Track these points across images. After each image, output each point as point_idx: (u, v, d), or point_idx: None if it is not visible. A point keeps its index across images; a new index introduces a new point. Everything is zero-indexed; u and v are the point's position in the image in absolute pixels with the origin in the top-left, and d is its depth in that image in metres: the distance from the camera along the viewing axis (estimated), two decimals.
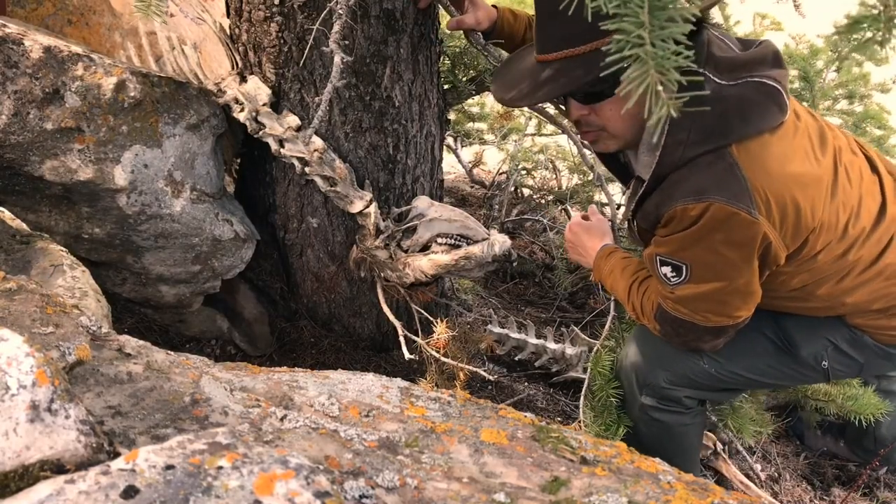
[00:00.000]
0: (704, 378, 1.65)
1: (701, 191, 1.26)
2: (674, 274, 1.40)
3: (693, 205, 1.27)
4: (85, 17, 2.48)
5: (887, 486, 2.15)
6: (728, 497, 0.80)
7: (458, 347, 1.87)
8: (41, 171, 1.57)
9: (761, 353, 1.60)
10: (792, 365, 1.60)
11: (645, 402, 1.72)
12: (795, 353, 1.58)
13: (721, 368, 1.63)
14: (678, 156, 1.28)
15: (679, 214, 1.29)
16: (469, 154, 3.88)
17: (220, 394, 0.87)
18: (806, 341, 1.56)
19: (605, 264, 1.73)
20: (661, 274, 1.42)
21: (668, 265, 1.39)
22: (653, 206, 1.36)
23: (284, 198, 2.00)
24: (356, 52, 1.70)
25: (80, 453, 0.60)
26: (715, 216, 1.26)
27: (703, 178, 1.27)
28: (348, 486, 0.68)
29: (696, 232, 1.30)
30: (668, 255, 1.38)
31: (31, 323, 0.88)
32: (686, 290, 1.40)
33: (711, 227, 1.28)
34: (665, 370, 1.67)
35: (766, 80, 1.29)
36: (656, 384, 1.69)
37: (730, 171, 1.25)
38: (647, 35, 0.61)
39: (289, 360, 2.08)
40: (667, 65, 0.61)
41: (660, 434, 1.75)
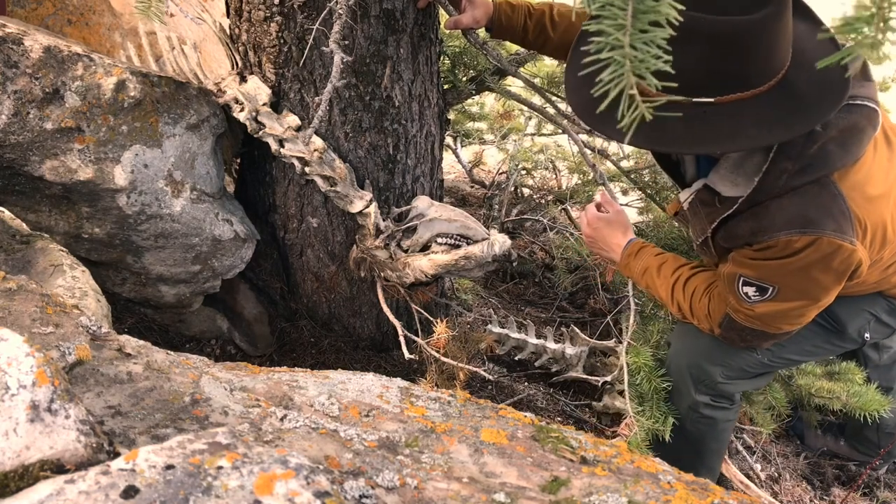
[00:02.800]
0: (757, 368, 1.68)
1: (808, 223, 1.25)
2: (756, 294, 1.38)
3: (798, 237, 1.25)
4: (85, 17, 2.48)
5: (887, 486, 2.15)
6: (728, 497, 0.80)
7: (458, 347, 1.87)
8: (41, 171, 1.57)
9: (811, 335, 1.63)
10: (837, 341, 1.64)
11: (699, 399, 1.73)
12: (842, 330, 1.62)
13: (774, 356, 1.66)
14: (780, 184, 1.26)
15: (782, 245, 1.28)
16: (469, 154, 3.88)
17: (220, 394, 0.87)
18: (851, 319, 1.60)
19: (636, 262, 1.71)
20: (742, 293, 1.40)
21: (753, 286, 1.38)
22: (745, 231, 1.33)
23: (284, 198, 2.00)
24: (356, 52, 1.70)
25: (80, 453, 0.60)
26: (821, 249, 1.26)
27: (809, 210, 1.25)
28: (348, 486, 0.68)
29: (797, 262, 1.29)
30: (756, 279, 1.36)
31: (31, 323, 0.88)
32: (766, 308, 1.40)
33: (814, 259, 1.28)
34: (720, 365, 1.68)
35: (866, 104, 1.27)
36: (713, 380, 1.69)
37: (835, 201, 1.25)
38: (627, 38, 0.61)
39: (289, 360, 2.08)
40: (644, 69, 0.61)
41: (706, 430, 1.77)
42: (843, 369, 1.96)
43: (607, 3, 0.60)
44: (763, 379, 1.78)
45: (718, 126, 1.15)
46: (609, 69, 0.63)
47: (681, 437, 1.78)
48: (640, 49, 0.61)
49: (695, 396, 1.73)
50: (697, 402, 1.73)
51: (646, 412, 1.76)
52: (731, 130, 1.15)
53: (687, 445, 1.79)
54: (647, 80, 0.63)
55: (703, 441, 1.79)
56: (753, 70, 1.14)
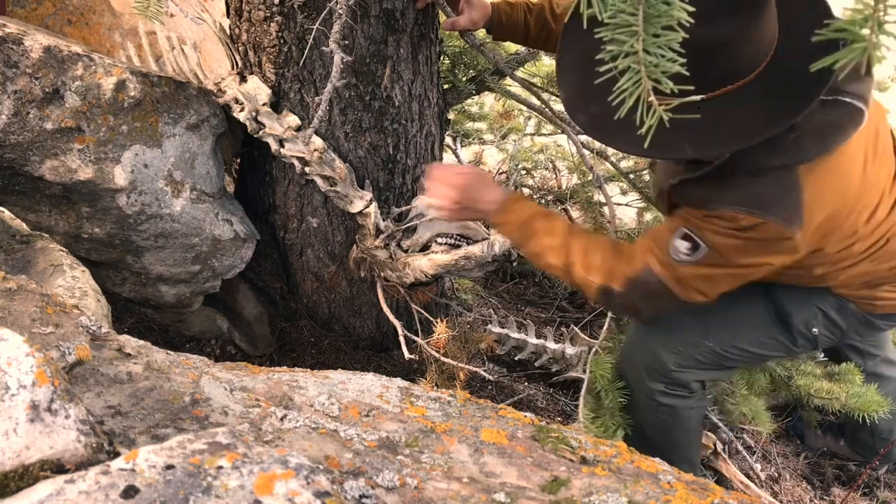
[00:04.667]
0: (710, 356, 1.67)
1: (760, 205, 1.26)
2: (688, 251, 1.37)
3: (746, 216, 1.26)
4: (85, 17, 2.48)
5: (887, 486, 2.15)
6: (728, 497, 0.80)
7: (458, 347, 1.87)
8: (41, 171, 1.57)
9: (761, 325, 1.64)
10: (786, 334, 1.64)
11: (654, 387, 1.73)
12: (788, 321, 1.62)
13: (726, 345, 1.65)
14: (750, 163, 1.27)
15: (728, 217, 1.29)
16: (469, 154, 3.88)
17: (220, 394, 0.87)
18: (797, 310, 1.61)
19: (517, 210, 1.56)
20: (674, 246, 1.39)
21: (689, 242, 1.37)
22: (700, 196, 1.34)
23: (284, 198, 2.00)
24: (356, 52, 1.70)
25: (80, 453, 0.60)
26: (764, 232, 1.27)
27: (765, 194, 1.26)
28: (348, 485, 0.68)
29: (740, 237, 1.30)
30: (696, 234, 1.35)
31: (31, 323, 0.88)
32: (691, 270, 1.39)
33: (755, 238, 1.29)
34: (673, 353, 1.68)
35: (854, 102, 1.27)
36: (665, 368, 1.70)
37: (791, 191, 1.26)
38: (640, 44, 0.61)
39: (289, 360, 2.08)
40: (660, 73, 0.61)
41: (666, 419, 1.77)
42: (842, 370, 1.96)
43: (618, 11, 0.60)
44: (721, 371, 1.76)
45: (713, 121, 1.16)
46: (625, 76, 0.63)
47: (646, 429, 1.79)
48: (653, 54, 0.61)
49: (648, 384, 1.73)
50: (652, 391, 1.73)
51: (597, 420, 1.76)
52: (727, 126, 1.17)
53: (655, 437, 1.79)
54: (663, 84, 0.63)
55: (669, 431, 1.78)
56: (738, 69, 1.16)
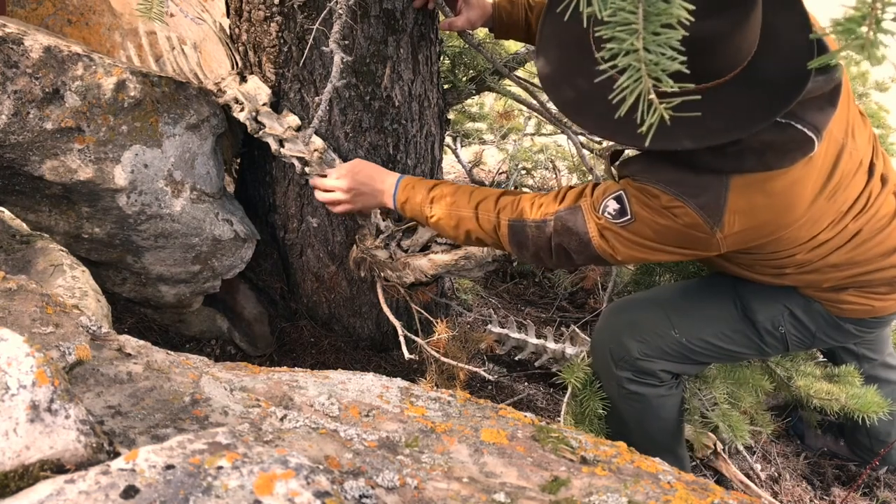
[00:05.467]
0: (676, 348, 1.68)
1: (682, 189, 1.28)
2: (614, 213, 1.39)
3: (670, 196, 1.29)
4: (85, 17, 2.48)
5: (887, 486, 2.15)
6: (728, 497, 0.80)
7: (458, 347, 1.88)
8: (41, 171, 1.57)
9: (727, 318, 1.65)
10: (752, 330, 1.65)
11: (621, 374, 1.73)
12: (753, 318, 1.63)
13: (691, 337, 1.66)
14: (686, 158, 1.28)
15: (653, 194, 1.32)
16: (469, 154, 3.88)
17: (220, 394, 0.87)
18: (763, 307, 1.62)
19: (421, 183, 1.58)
20: (603, 205, 1.40)
21: (620, 205, 1.38)
22: (635, 167, 1.37)
23: (284, 198, 2.00)
24: (356, 52, 1.70)
25: (80, 453, 0.60)
26: (683, 216, 1.30)
27: (692, 183, 1.28)
28: (348, 485, 0.68)
29: (663, 217, 1.33)
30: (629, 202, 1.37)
31: (31, 323, 0.88)
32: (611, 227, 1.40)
33: (677, 223, 1.32)
34: (638, 341, 1.69)
35: (806, 131, 1.27)
36: (630, 356, 1.70)
37: (717, 190, 1.28)
38: (641, 43, 0.61)
39: (289, 360, 2.08)
40: (660, 72, 0.61)
41: (639, 408, 1.77)
42: (842, 371, 1.96)
43: (618, 9, 0.60)
44: (691, 365, 1.76)
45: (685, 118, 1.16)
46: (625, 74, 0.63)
47: (620, 420, 1.79)
48: (653, 52, 0.61)
49: (616, 372, 1.74)
50: (620, 378, 1.74)
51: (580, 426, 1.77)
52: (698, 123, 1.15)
53: (629, 425, 1.80)
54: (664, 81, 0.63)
55: (642, 420, 1.78)
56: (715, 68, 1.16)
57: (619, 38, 0.61)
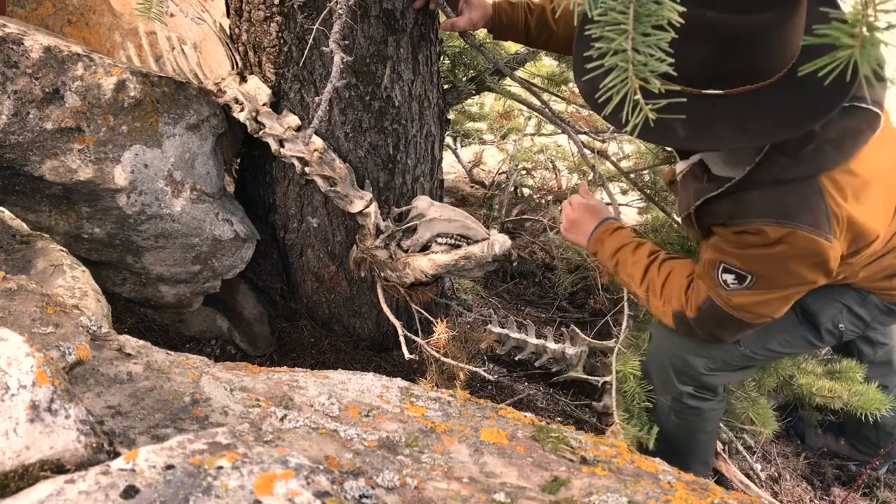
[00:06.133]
0: (740, 360, 1.69)
1: (785, 215, 1.26)
2: (735, 282, 1.39)
3: (774, 227, 1.26)
4: (85, 17, 2.48)
5: (887, 486, 2.15)
6: (728, 497, 0.80)
7: (458, 347, 1.87)
8: (41, 171, 1.57)
9: (789, 326, 1.64)
10: (813, 332, 1.65)
11: (683, 389, 1.74)
12: (815, 321, 1.63)
13: (757, 348, 1.66)
14: (770, 176, 1.27)
15: (755, 231, 1.29)
16: (469, 154, 3.88)
17: (220, 394, 0.87)
18: (823, 309, 1.62)
19: (611, 240, 1.67)
20: (721, 280, 1.40)
21: (733, 274, 1.38)
22: (725, 212, 1.34)
23: (284, 198, 2.00)
24: (356, 52, 1.70)
25: (80, 453, 0.60)
26: (796, 242, 1.27)
27: (788, 202, 1.26)
28: (348, 485, 0.68)
29: (775, 253, 1.30)
30: (737, 267, 1.37)
31: (31, 323, 0.88)
32: (745, 298, 1.40)
33: (791, 251, 1.29)
34: (703, 357, 1.69)
35: (870, 108, 1.27)
36: (696, 371, 1.70)
37: (815, 197, 1.26)
38: (629, 43, 0.61)
39: (289, 360, 2.08)
40: (648, 73, 0.61)
41: (693, 420, 1.78)
42: (844, 368, 1.96)
43: (608, 9, 0.60)
44: (746, 372, 1.79)
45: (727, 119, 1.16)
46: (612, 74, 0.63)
47: (670, 430, 1.79)
48: (642, 52, 0.61)
49: (679, 387, 1.74)
50: (682, 393, 1.74)
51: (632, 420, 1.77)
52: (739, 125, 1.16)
53: (678, 438, 1.80)
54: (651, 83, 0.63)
55: (692, 432, 1.79)
56: (763, 66, 1.14)
57: (608, 37, 0.61)
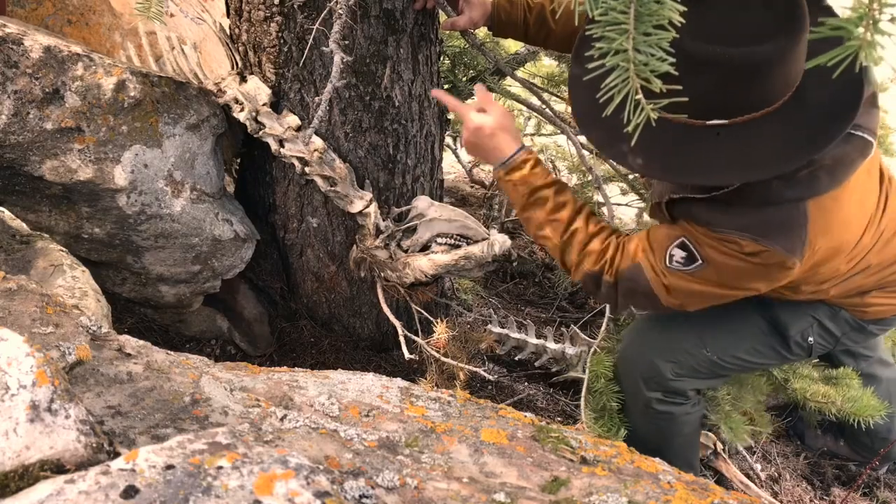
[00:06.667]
0: (707, 366, 1.68)
1: (765, 234, 1.25)
2: (682, 261, 1.34)
3: (750, 242, 1.26)
4: (85, 17, 2.48)
5: (887, 486, 2.15)
6: (728, 497, 0.80)
7: (458, 347, 1.87)
8: (41, 171, 1.57)
9: (757, 333, 1.65)
10: (782, 343, 1.65)
11: (651, 395, 1.73)
12: (785, 333, 1.63)
13: (724, 354, 1.66)
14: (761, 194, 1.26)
15: (732, 241, 1.28)
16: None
17: (220, 394, 0.87)
18: (793, 321, 1.62)
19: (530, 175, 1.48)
20: (668, 253, 1.36)
21: (686, 252, 1.34)
22: (704, 216, 1.32)
23: (284, 198, 2.00)
24: (356, 52, 1.70)
25: (80, 453, 0.60)
26: (768, 259, 1.28)
27: (772, 223, 1.26)
28: (348, 486, 0.68)
29: (742, 261, 1.29)
30: (696, 248, 1.32)
31: (31, 323, 0.88)
32: (681, 281, 1.37)
33: (758, 265, 1.29)
34: (670, 362, 1.69)
35: (865, 136, 1.27)
36: (663, 377, 1.70)
37: (800, 221, 1.26)
38: (630, 43, 0.61)
39: (289, 360, 2.08)
40: (649, 73, 0.61)
41: (666, 425, 1.78)
42: (840, 374, 1.95)
43: (609, 8, 0.60)
44: (717, 380, 1.78)
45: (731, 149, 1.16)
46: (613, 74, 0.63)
47: (644, 435, 1.79)
48: (643, 52, 0.61)
49: (646, 393, 1.73)
50: (649, 399, 1.74)
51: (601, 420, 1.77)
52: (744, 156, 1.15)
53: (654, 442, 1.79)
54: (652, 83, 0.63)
55: (669, 437, 1.79)
56: (767, 95, 1.14)
57: (609, 37, 0.61)
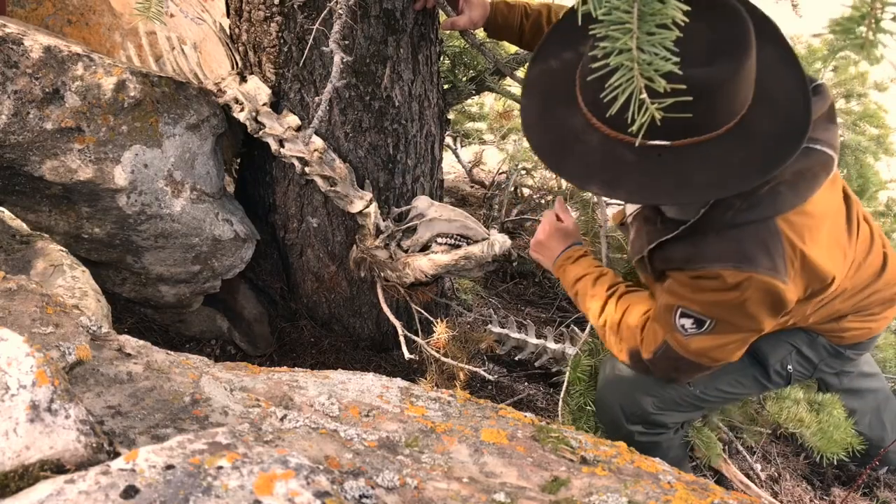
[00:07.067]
0: (690, 399, 1.67)
1: (743, 259, 1.24)
2: (693, 326, 1.37)
3: (732, 271, 1.25)
4: (85, 17, 2.48)
5: (887, 486, 2.15)
6: (728, 497, 0.80)
7: (458, 347, 1.87)
8: (41, 171, 1.57)
9: (738, 366, 1.62)
10: (763, 374, 1.64)
11: (632, 429, 1.72)
12: (765, 363, 1.62)
13: (708, 388, 1.65)
14: (725, 219, 1.25)
15: (713, 275, 1.27)
16: (469, 154, 3.87)
17: (220, 394, 0.87)
18: (772, 350, 1.61)
19: (573, 267, 1.65)
20: (679, 325, 1.38)
21: (691, 318, 1.36)
22: (680, 256, 1.32)
23: (284, 198, 2.00)
24: (356, 52, 1.70)
25: (80, 453, 0.60)
26: (755, 286, 1.26)
27: (746, 246, 1.25)
28: (348, 486, 0.68)
29: (733, 298, 1.28)
30: (695, 311, 1.35)
31: (31, 323, 0.88)
32: (703, 342, 1.38)
33: (749, 296, 1.27)
34: (652, 396, 1.67)
35: (824, 150, 1.26)
36: (644, 411, 1.69)
37: (773, 239, 1.25)
38: (634, 42, 0.61)
39: (289, 360, 2.08)
40: (653, 72, 0.61)
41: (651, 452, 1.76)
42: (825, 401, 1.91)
43: (613, 8, 0.60)
44: (697, 412, 1.77)
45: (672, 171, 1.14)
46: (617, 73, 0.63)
47: None
48: (647, 51, 0.61)
49: (627, 427, 1.72)
50: (631, 432, 1.73)
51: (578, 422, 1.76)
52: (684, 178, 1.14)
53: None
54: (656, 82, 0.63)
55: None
56: (712, 118, 1.12)
57: (613, 36, 0.61)
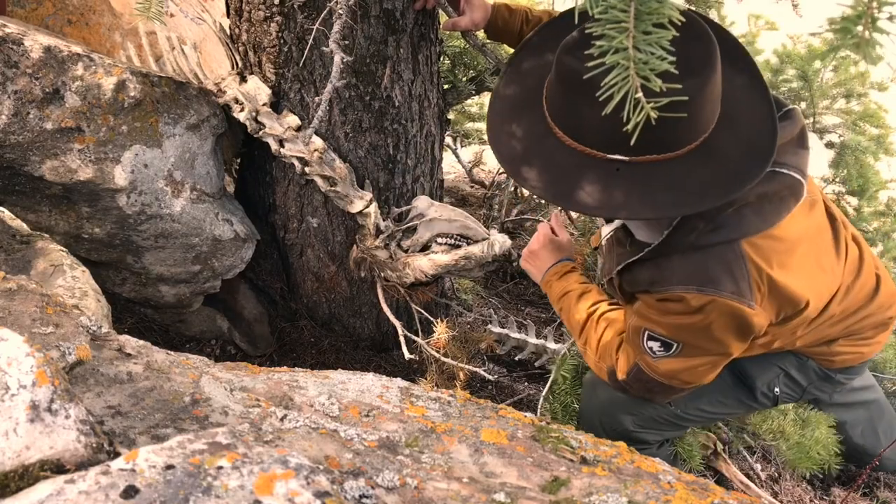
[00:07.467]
0: (670, 418, 1.67)
1: (706, 282, 1.23)
2: (661, 349, 1.36)
3: (695, 295, 1.24)
4: (85, 17, 2.48)
5: (887, 486, 2.15)
6: (728, 497, 0.80)
7: (458, 347, 1.87)
8: (41, 171, 1.57)
9: (722, 387, 1.62)
10: (748, 395, 1.63)
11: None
12: (752, 384, 1.61)
13: (687, 407, 1.64)
14: (688, 240, 1.24)
15: (677, 298, 1.26)
16: (469, 154, 3.87)
17: (220, 394, 0.87)
18: (760, 373, 1.60)
19: (559, 283, 1.66)
20: (647, 347, 1.38)
21: (658, 341, 1.36)
22: (645, 278, 1.32)
23: (284, 198, 2.00)
24: (356, 52, 1.70)
25: (80, 453, 0.60)
26: (719, 310, 1.25)
27: (710, 269, 1.23)
28: (348, 486, 0.68)
29: (697, 321, 1.27)
30: (661, 335, 1.34)
31: (31, 323, 0.88)
32: (672, 365, 1.38)
33: (713, 319, 1.27)
34: (632, 415, 1.67)
35: (791, 174, 1.25)
36: (625, 429, 1.69)
37: (736, 263, 1.23)
38: (630, 41, 0.61)
39: (289, 360, 2.08)
40: (649, 71, 0.61)
41: None
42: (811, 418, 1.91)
43: (609, 7, 0.60)
44: (679, 430, 1.76)
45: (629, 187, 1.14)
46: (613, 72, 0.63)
47: None
48: (643, 50, 0.61)
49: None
50: None
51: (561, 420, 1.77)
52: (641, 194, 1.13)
53: None
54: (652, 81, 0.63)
55: None
56: (672, 135, 1.11)
57: (609, 35, 0.61)
